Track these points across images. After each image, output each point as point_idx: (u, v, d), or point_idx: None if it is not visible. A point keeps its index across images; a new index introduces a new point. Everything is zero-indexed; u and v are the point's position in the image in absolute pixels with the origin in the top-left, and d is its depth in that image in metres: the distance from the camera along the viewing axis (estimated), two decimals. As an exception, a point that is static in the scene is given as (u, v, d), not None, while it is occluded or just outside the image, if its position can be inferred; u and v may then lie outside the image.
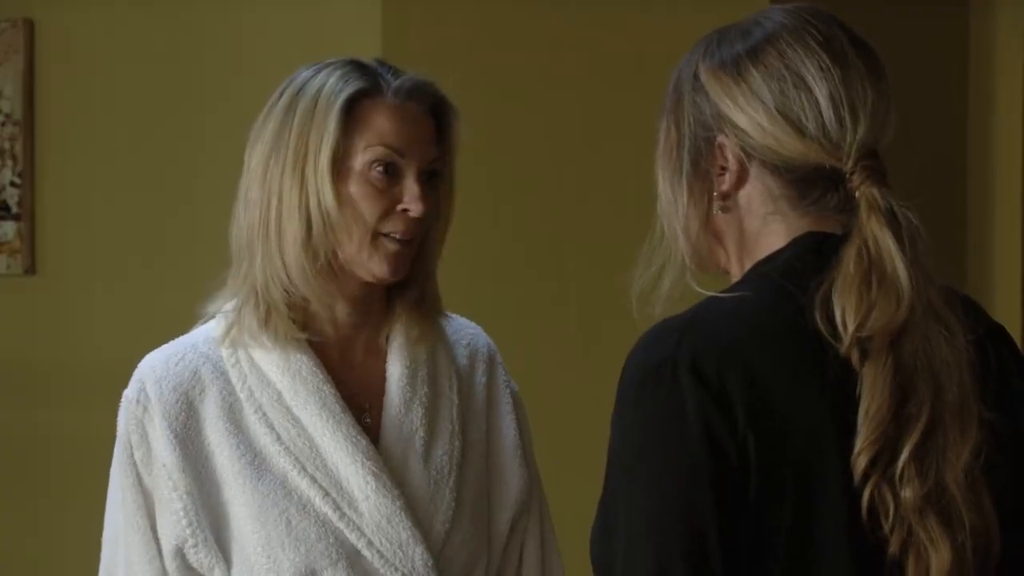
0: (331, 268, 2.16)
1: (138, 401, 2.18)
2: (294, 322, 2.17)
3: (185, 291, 4.10)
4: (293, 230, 2.13)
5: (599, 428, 2.32)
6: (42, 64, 4.33)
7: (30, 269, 4.36)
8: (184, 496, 2.14)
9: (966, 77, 4.41)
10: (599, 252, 3.83)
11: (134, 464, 2.17)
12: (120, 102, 4.22)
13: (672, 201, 1.74)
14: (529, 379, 2.57)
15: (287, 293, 2.15)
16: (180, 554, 2.14)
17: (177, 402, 2.16)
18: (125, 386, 4.42)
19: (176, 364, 2.19)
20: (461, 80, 2.28)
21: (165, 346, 2.23)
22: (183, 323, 2.20)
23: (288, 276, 2.14)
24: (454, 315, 2.32)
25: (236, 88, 4.06)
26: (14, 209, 4.35)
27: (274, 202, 2.15)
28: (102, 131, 4.26)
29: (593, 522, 1.66)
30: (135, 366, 2.19)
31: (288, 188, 2.14)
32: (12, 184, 4.35)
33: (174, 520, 2.14)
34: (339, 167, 2.13)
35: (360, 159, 2.13)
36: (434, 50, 3.72)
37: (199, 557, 2.14)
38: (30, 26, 4.33)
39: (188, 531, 2.14)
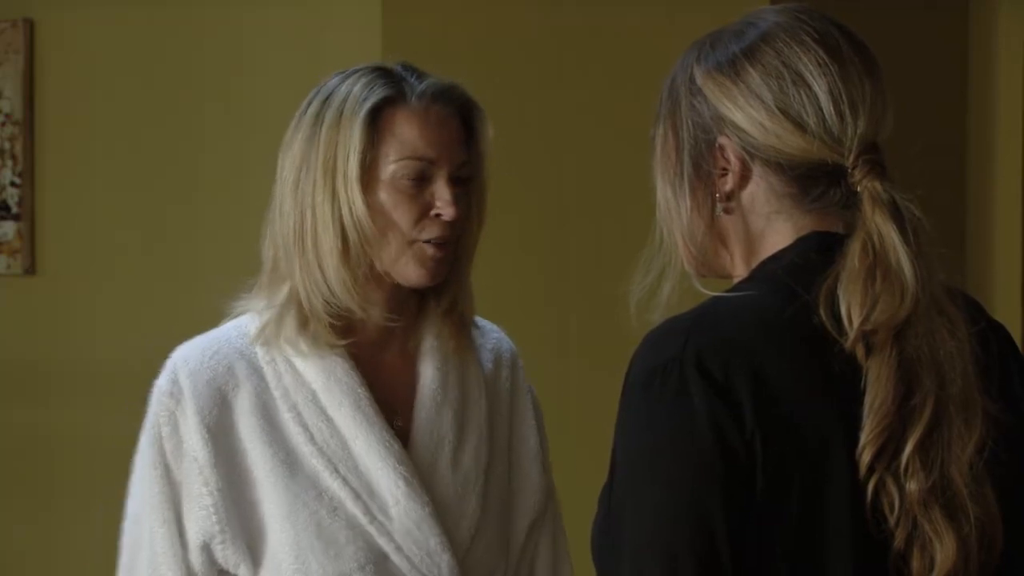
0: (368, 275, 2.15)
1: (171, 393, 2.16)
2: (334, 329, 2.15)
3: (185, 291, 4.12)
4: (329, 243, 2.12)
5: (598, 428, 2.33)
6: (42, 64, 4.34)
7: (30, 269, 4.36)
8: (215, 492, 2.12)
9: (966, 76, 4.41)
10: (600, 252, 3.83)
11: (163, 455, 2.15)
12: (120, 102, 4.23)
13: (674, 206, 1.74)
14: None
15: (328, 304, 2.14)
16: (207, 549, 2.13)
17: (211, 397, 2.14)
18: (125, 385, 4.41)
19: (211, 358, 2.17)
20: (461, 80, 2.28)
21: (198, 339, 2.21)
22: (183, 323, 2.20)
23: (329, 288, 2.13)
24: (477, 317, 2.30)
25: (236, 88, 4.06)
26: (14, 209, 4.35)
27: (308, 215, 2.13)
28: (102, 131, 4.26)
29: (594, 521, 1.66)
30: (135, 366, 2.18)
31: (320, 201, 2.12)
32: (12, 184, 4.35)
33: (203, 515, 2.13)
34: (368, 177, 2.12)
35: (388, 169, 2.12)
36: (434, 50, 3.72)
37: (226, 554, 2.13)
38: (30, 26, 4.33)
39: (217, 528, 2.12)
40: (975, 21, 4.39)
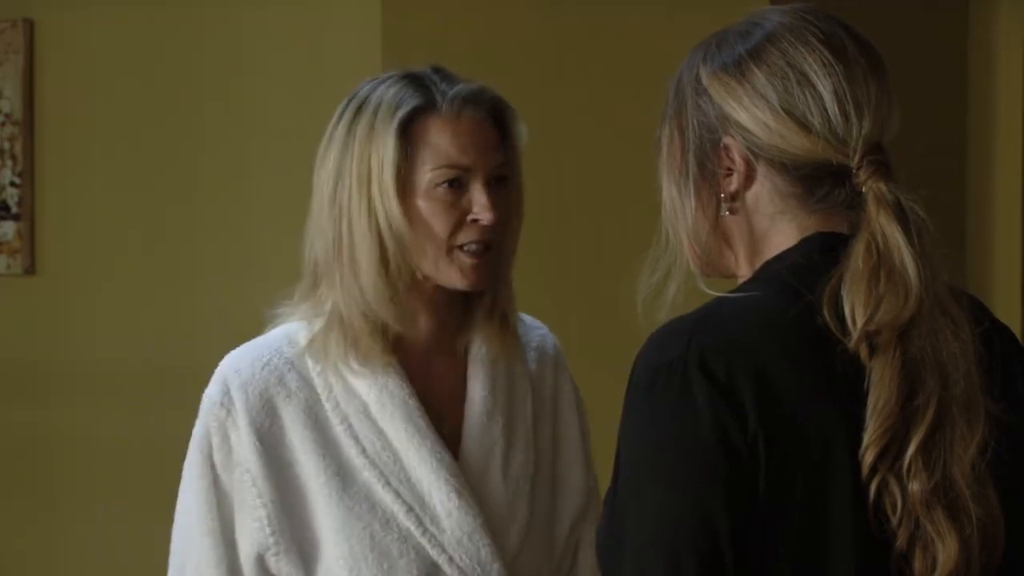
0: (410, 286, 2.14)
1: (221, 403, 2.15)
2: (381, 341, 2.14)
3: (185, 291, 4.12)
4: (366, 254, 2.12)
5: (599, 427, 2.32)
6: (42, 64, 4.33)
7: (30, 269, 4.36)
8: (268, 504, 2.12)
9: (966, 76, 4.41)
10: (600, 252, 3.83)
11: (212, 466, 2.14)
12: (120, 102, 4.23)
13: (680, 206, 1.74)
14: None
15: (365, 317, 2.13)
16: (260, 560, 2.13)
17: (263, 408, 2.14)
18: (125, 385, 4.42)
19: (262, 368, 2.16)
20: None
21: (247, 347, 2.20)
22: (183, 323, 2.21)
23: (366, 300, 2.13)
24: (521, 313, 2.29)
25: (236, 87, 4.06)
26: (14, 209, 4.35)
27: (345, 228, 2.13)
28: (102, 131, 4.26)
29: (599, 521, 1.66)
30: (134, 366, 2.18)
31: (357, 212, 2.12)
32: (12, 184, 4.35)
33: (257, 527, 2.12)
34: (403, 186, 2.12)
35: (423, 177, 2.12)
36: (433, 50, 3.72)
37: (279, 565, 2.12)
38: (30, 26, 4.33)
39: (272, 539, 2.12)
40: (975, 21, 4.39)
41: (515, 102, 3.26)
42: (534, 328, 2.32)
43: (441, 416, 2.19)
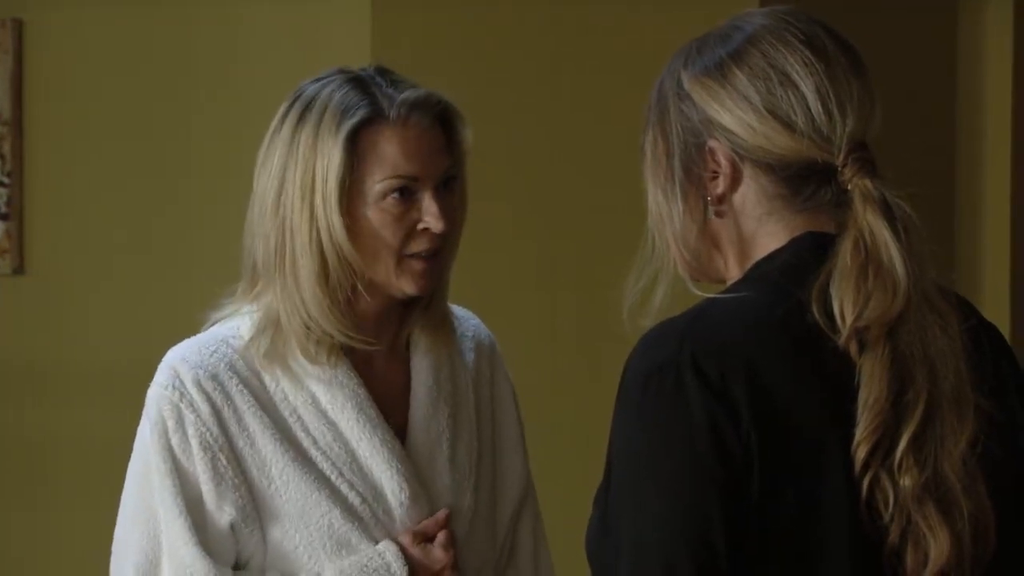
0: (351, 297, 2.13)
1: (173, 387, 2.13)
2: (326, 346, 2.13)
3: (175, 290, 4.12)
4: (308, 266, 2.10)
5: (587, 418, 2.33)
6: (32, 64, 4.33)
7: (19, 269, 4.35)
8: (241, 474, 2.12)
9: (955, 75, 4.42)
10: (593, 244, 3.84)
11: (170, 450, 2.12)
12: (110, 102, 4.22)
13: (667, 211, 1.74)
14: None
15: (307, 328, 2.12)
16: (234, 529, 2.12)
17: (215, 389, 2.13)
18: (117, 385, 4.41)
19: (211, 356, 2.14)
20: (450, 79, 2.28)
21: (192, 340, 2.18)
22: (174, 322, 2.20)
23: (308, 312, 2.11)
24: (452, 305, 2.29)
25: (226, 88, 4.06)
26: (3, 209, 4.35)
27: (287, 237, 2.11)
28: (92, 131, 4.26)
29: (589, 521, 1.66)
30: (126, 365, 2.18)
31: (299, 222, 2.10)
32: (1, 184, 4.35)
33: (236, 497, 2.12)
34: (351, 196, 2.10)
35: (372, 188, 2.10)
36: (424, 45, 3.72)
37: (253, 539, 2.13)
38: (19, 26, 4.33)
39: (249, 509, 2.12)
40: (963, 21, 4.40)
41: (505, 99, 3.27)
42: (467, 319, 2.31)
43: (388, 408, 2.18)
